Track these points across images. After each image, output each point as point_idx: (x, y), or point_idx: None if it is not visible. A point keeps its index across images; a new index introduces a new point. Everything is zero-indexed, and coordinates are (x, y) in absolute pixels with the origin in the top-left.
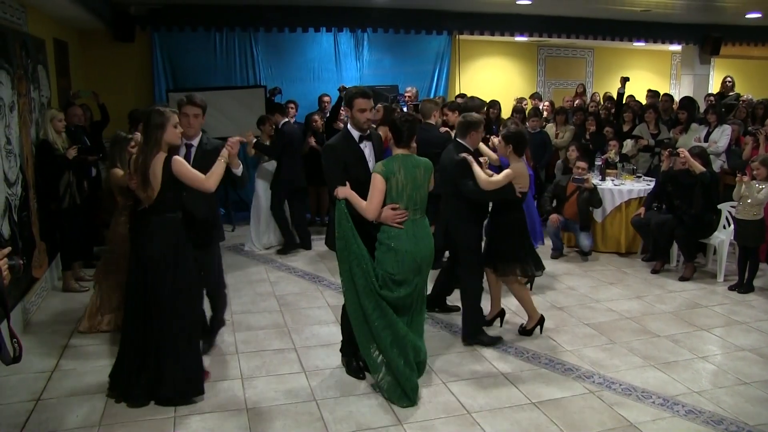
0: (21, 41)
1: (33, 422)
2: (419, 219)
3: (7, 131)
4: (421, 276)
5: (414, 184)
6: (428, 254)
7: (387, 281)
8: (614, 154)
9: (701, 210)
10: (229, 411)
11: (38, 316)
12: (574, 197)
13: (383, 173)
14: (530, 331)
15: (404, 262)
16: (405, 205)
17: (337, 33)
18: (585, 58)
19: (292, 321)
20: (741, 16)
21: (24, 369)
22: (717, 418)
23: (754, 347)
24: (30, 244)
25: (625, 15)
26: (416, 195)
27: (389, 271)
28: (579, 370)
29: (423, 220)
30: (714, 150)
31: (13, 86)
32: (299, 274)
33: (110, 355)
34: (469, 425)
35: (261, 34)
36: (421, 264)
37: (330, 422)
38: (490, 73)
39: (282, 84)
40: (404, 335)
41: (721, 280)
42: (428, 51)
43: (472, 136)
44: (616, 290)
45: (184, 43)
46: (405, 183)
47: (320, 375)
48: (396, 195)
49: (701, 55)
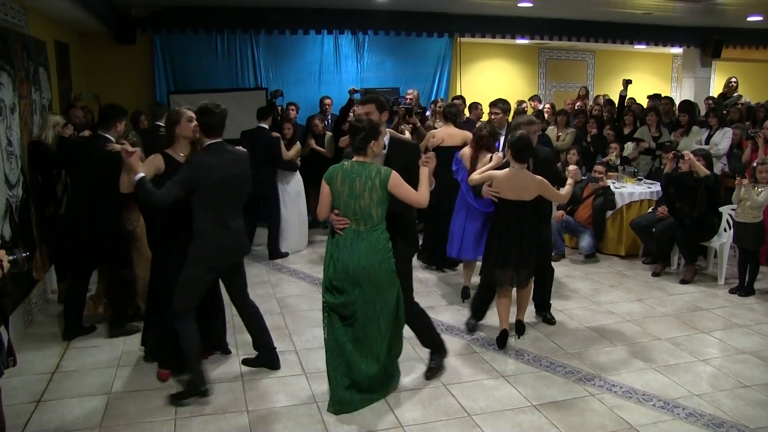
0: (22, 43)
1: (34, 423)
2: (364, 230)
3: (8, 133)
4: (361, 289)
5: (351, 193)
6: (361, 269)
7: (328, 285)
8: (615, 157)
9: (703, 213)
10: (230, 413)
11: (39, 318)
12: (589, 200)
13: (325, 177)
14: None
15: (337, 269)
16: (343, 212)
17: (338, 35)
18: (586, 61)
19: (293, 323)
20: (742, 19)
21: (25, 370)
22: (717, 421)
23: (754, 350)
24: (31, 246)
25: (626, 18)
26: (354, 204)
27: (328, 275)
28: (580, 373)
29: (369, 233)
30: (715, 153)
31: (15, 88)
32: (300, 276)
33: (111, 357)
34: (470, 428)
35: (262, 36)
36: (356, 276)
37: (330, 424)
38: (491, 76)
39: (283, 86)
40: (341, 345)
41: (722, 283)
42: (429, 53)
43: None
44: (617, 293)
45: (186, 45)
46: (341, 191)
47: (321, 377)
48: (336, 201)
49: (702, 58)
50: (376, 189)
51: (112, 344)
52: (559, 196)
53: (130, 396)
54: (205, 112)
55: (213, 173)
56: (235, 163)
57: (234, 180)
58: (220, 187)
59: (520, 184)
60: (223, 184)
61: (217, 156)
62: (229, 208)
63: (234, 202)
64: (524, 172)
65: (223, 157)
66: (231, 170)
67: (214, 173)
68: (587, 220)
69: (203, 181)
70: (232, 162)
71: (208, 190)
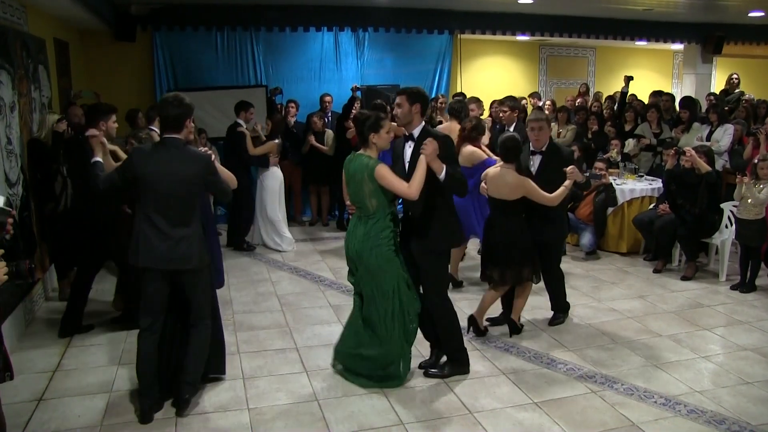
0: (21, 41)
1: (35, 422)
2: (361, 218)
3: (8, 131)
4: (360, 269)
5: (351, 182)
6: (354, 252)
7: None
8: (616, 154)
9: (705, 209)
10: (231, 411)
11: (40, 316)
12: (590, 197)
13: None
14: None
15: (347, 249)
16: (350, 199)
17: (338, 32)
18: (587, 58)
19: (294, 321)
20: (744, 15)
21: (26, 369)
22: (719, 418)
23: (756, 347)
24: (31, 245)
25: (627, 14)
26: (353, 193)
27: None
28: (581, 370)
29: (367, 221)
30: (716, 149)
31: (14, 86)
32: (301, 273)
33: (112, 355)
34: (472, 425)
35: (262, 33)
36: (353, 258)
37: (332, 422)
38: (492, 73)
39: (283, 83)
40: (356, 319)
41: (723, 280)
42: (429, 50)
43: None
44: (618, 290)
45: (186, 42)
46: (347, 179)
47: (322, 375)
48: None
49: (703, 55)
50: (366, 180)
51: (113, 343)
52: (546, 199)
53: (131, 394)
54: (163, 105)
55: (149, 167)
56: (179, 162)
57: (172, 181)
58: (155, 186)
59: (501, 182)
60: (159, 182)
61: (162, 151)
62: (168, 211)
63: (174, 206)
64: (508, 172)
65: (168, 153)
66: (170, 168)
67: (150, 167)
68: (588, 217)
69: (137, 173)
70: (176, 160)
71: (144, 186)
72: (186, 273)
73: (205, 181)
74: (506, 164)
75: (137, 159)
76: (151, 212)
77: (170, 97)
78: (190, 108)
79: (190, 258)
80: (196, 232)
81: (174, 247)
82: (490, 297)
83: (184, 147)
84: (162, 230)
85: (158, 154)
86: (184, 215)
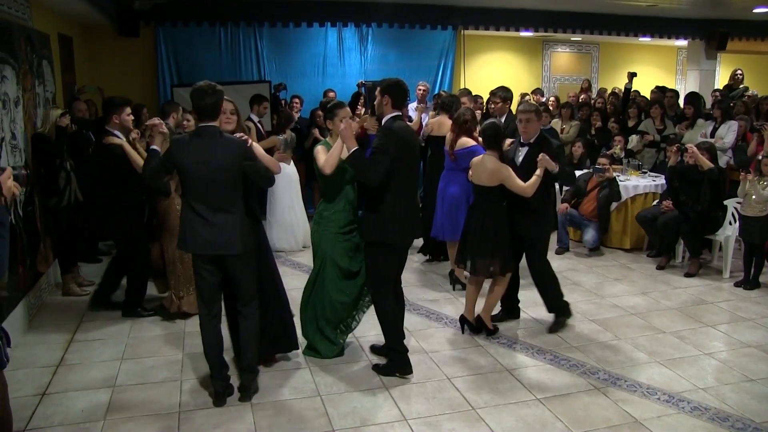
0: (26, 36)
1: (39, 416)
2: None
3: (13, 126)
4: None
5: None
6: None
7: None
8: (620, 150)
9: (708, 206)
10: (234, 406)
11: (43, 310)
12: (593, 193)
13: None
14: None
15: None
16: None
17: (342, 28)
18: (590, 54)
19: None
20: (748, 10)
21: (29, 363)
22: (722, 415)
23: (759, 344)
24: (35, 239)
25: (630, 10)
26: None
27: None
28: (584, 366)
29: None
30: (720, 146)
31: (18, 81)
32: (304, 269)
33: (115, 350)
34: (474, 421)
35: (266, 28)
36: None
37: (334, 417)
38: (495, 68)
39: (287, 79)
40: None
41: (727, 277)
42: (433, 46)
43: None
44: (622, 286)
45: (189, 38)
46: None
47: (325, 370)
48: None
49: (707, 51)
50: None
51: (116, 337)
52: (521, 188)
53: (134, 389)
54: (199, 95)
55: (188, 156)
56: (216, 150)
57: (211, 169)
58: (195, 175)
59: (481, 168)
60: (199, 170)
61: (200, 140)
62: (209, 198)
63: (215, 194)
64: (489, 159)
65: (205, 142)
66: (208, 157)
67: (189, 156)
68: (592, 213)
69: (178, 163)
70: (213, 148)
71: (185, 175)
72: (231, 258)
73: (242, 167)
74: (489, 150)
75: (176, 149)
76: (194, 200)
77: (204, 86)
78: (222, 93)
79: (234, 244)
80: (239, 217)
81: (218, 234)
82: (470, 290)
83: (221, 135)
84: (205, 217)
85: (196, 143)
86: (226, 202)
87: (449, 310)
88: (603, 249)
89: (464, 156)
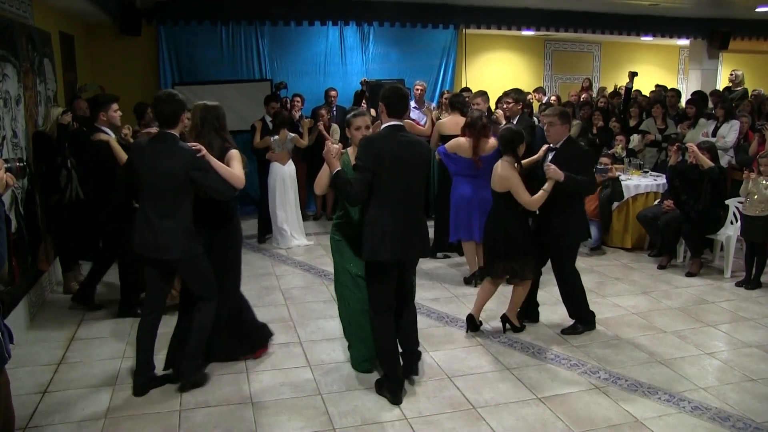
0: (27, 34)
1: (40, 414)
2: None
3: (14, 124)
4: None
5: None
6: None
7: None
8: (621, 149)
9: (708, 205)
10: (234, 404)
11: (44, 308)
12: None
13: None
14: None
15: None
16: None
17: (343, 26)
18: (592, 53)
19: (298, 315)
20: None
21: (31, 361)
22: (723, 415)
23: (761, 344)
24: (36, 237)
25: (632, 9)
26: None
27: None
28: (585, 366)
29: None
30: (722, 145)
31: (20, 79)
32: (305, 267)
33: (116, 348)
34: (475, 420)
35: (267, 27)
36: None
37: (335, 416)
38: (497, 68)
39: (288, 78)
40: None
41: (728, 276)
42: (434, 45)
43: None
44: (623, 286)
45: (190, 36)
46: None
47: (325, 369)
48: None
49: (709, 50)
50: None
51: (117, 336)
52: (526, 201)
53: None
54: (156, 103)
55: (142, 161)
56: (165, 156)
57: (158, 174)
58: (145, 178)
59: (494, 173)
60: (148, 174)
61: (154, 145)
62: (156, 203)
63: (161, 198)
64: (502, 164)
65: (158, 147)
66: (157, 162)
67: (143, 161)
68: (593, 212)
69: (134, 163)
70: (163, 154)
71: (139, 177)
72: (173, 262)
73: (188, 176)
74: (505, 156)
75: (134, 152)
76: (144, 202)
77: (163, 94)
78: (182, 104)
79: (170, 248)
80: (181, 224)
81: (156, 237)
82: (482, 292)
83: (173, 141)
84: (150, 220)
85: (151, 148)
86: (169, 207)
87: (450, 308)
88: (604, 248)
89: (491, 159)
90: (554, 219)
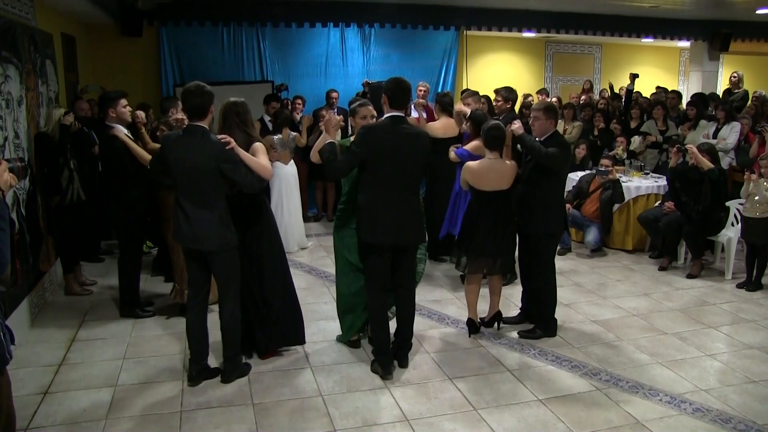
0: (29, 35)
1: (41, 415)
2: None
3: (16, 125)
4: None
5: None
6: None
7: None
8: (622, 151)
9: (709, 207)
10: (236, 406)
11: (45, 309)
12: (596, 194)
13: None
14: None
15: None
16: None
17: (345, 28)
18: (593, 54)
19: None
20: (751, 11)
21: (32, 362)
22: (725, 417)
23: (762, 345)
24: (38, 238)
25: (633, 11)
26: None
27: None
28: (586, 367)
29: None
30: (723, 147)
31: (22, 80)
32: (306, 269)
33: (117, 349)
34: (476, 422)
35: (268, 28)
36: None
37: (336, 417)
38: (498, 69)
39: (289, 79)
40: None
41: (729, 278)
42: (435, 46)
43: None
44: (624, 287)
45: (192, 37)
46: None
47: (326, 370)
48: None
49: (710, 52)
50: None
51: (118, 337)
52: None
53: (136, 388)
54: (185, 96)
55: (174, 154)
56: (196, 150)
57: (190, 167)
58: (178, 171)
59: (496, 174)
60: (181, 167)
61: (185, 139)
62: (191, 195)
63: (195, 191)
64: (500, 162)
65: (189, 140)
66: (189, 155)
67: (175, 154)
68: (594, 213)
69: (167, 157)
70: (193, 147)
71: (172, 171)
72: (208, 254)
73: (219, 168)
74: (492, 153)
75: (165, 145)
76: (180, 195)
77: (192, 86)
78: (211, 95)
79: (208, 240)
80: (218, 215)
81: (194, 229)
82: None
83: (203, 135)
84: (186, 212)
85: (182, 141)
86: (205, 199)
87: (451, 310)
88: (605, 250)
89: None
90: (536, 209)
